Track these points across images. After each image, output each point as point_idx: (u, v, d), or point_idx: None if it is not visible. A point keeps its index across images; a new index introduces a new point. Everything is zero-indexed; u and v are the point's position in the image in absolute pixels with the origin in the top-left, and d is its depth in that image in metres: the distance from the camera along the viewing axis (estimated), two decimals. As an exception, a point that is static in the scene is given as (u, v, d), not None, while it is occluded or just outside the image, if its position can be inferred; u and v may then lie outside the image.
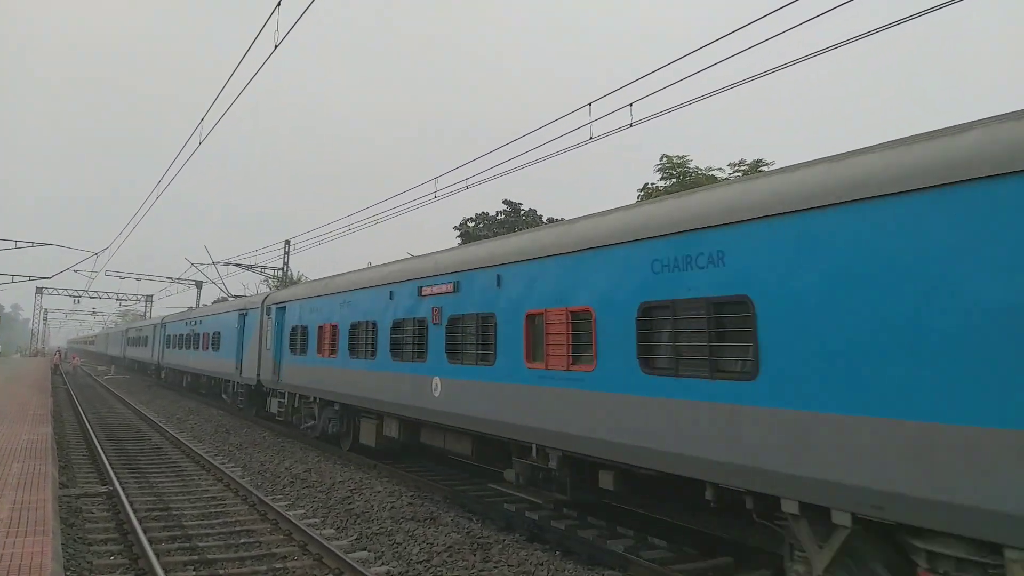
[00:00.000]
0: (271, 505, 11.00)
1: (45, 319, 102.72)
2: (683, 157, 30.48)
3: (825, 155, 6.45)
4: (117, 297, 74.42)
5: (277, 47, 11.47)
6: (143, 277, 62.35)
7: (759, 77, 10.58)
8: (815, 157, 6.58)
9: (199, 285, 59.03)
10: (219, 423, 23.06)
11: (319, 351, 16.65)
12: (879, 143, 5.96)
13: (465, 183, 18.42)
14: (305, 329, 17.66)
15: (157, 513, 10.91)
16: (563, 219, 13.63)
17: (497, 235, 24.26)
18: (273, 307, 20.30)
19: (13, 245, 41.89)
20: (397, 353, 12.92)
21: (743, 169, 28.34)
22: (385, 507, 11.34)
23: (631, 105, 12.35)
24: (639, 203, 9.16)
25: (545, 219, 42.71)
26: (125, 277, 59.60)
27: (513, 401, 9.37)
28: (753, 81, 10.72)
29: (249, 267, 45.11)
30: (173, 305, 76.33)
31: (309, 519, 10.70)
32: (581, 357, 8.41)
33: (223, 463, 15.36)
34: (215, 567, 8.36)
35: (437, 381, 11.33)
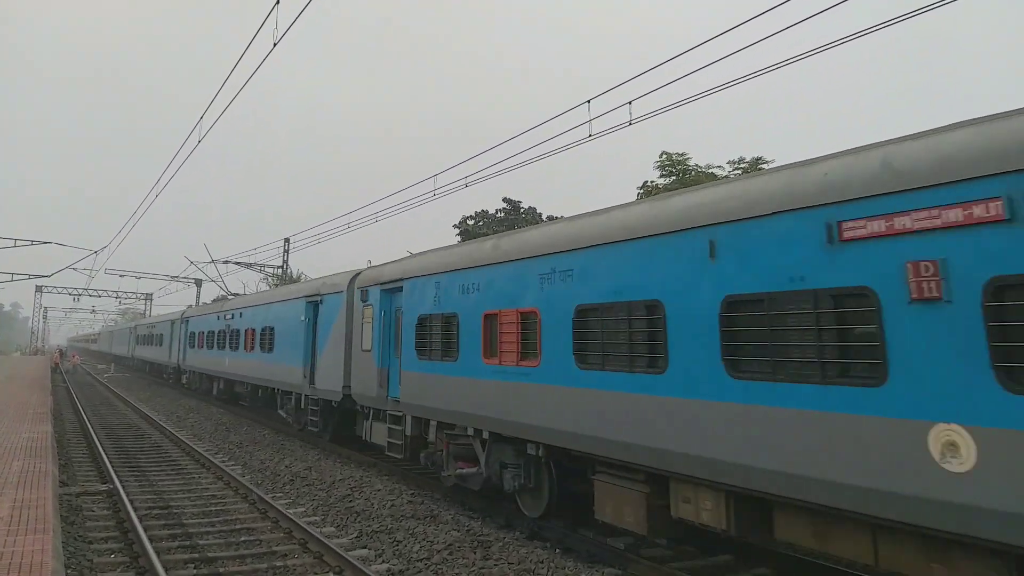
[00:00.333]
0: (271, 503, 11.01)
1: (45, 317, 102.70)
2: (683, 155, 30.47)
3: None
4: (117, 295, 74.44)
5: (276, 45, 11.47)
6: (142, 275, 62.45)
7: (759, 74, 10.57)
8: (812, 156, 6.58)
9: (198, 283, 59.02)
10: (219, 421, 23.07)
11: (487, 354, 10.35)
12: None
13: (464, 181, 18.42)
14: (449, 320, 11.38)
15: (157, 511, 10.92)
16: (559, 217, 13.91)
17: (496, 232, 24.15)
18: (373, 289, 14.21)
19: (12, 243, 41.88)
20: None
21: (743, 167, 28.33)
22: (385, 505, 11.35)
23: (630, 103, 12.35)
24: (549, 222, 11.79)
25: (545, 217, 42.70)
26: (125, 275, 59.71)
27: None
28: (754, 78, 10.71)
29: (248, 265, 45.10)
30: (173, 303, 76.34)
31: (309, 517, 10.71)
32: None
33: (223, 461, 15.37)
34: (215, 565, 8.37)
35: None
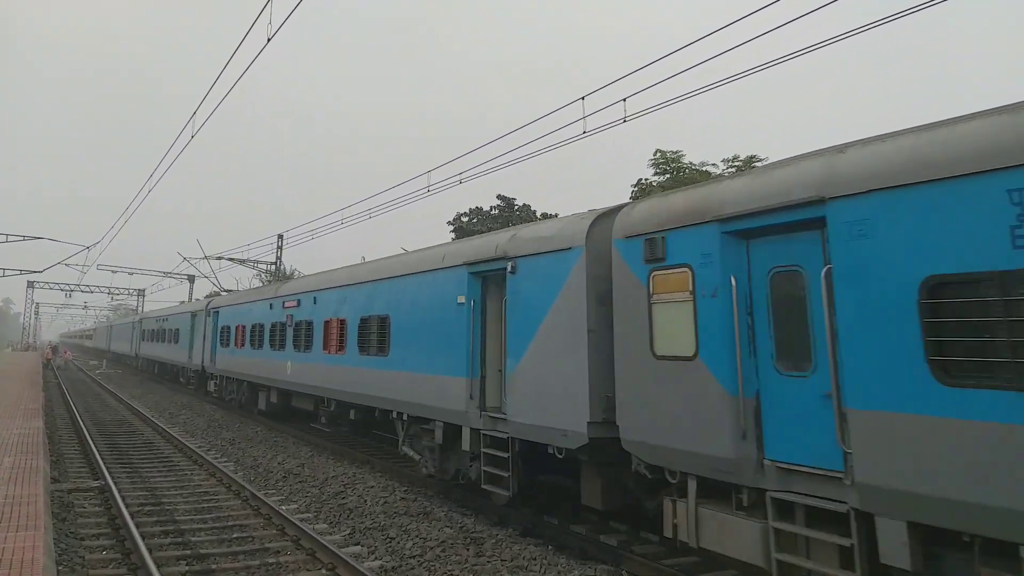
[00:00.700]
0: (264, 500, 10.99)
1: (37, 313, 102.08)
2: (676, 152, 30.50)
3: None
4: (109, 291, 74.06)
5: (270, 40, 11.41)
6: (135, 271, 62.21)
7: (754, 72, 10.59)
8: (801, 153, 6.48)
9: (191, 279, 58.80)
10: (211, 418, 23.00)
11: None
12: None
13: (458, 178, 18.39)
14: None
15: (149, 508, 10.89)
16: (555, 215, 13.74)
17: (491, 230, 24.15)
18: (683, 236, 7.43)
19: (4, 238, 41.64)
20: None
21: (737, 165, 28.38)
22: (378, 502, 11.34)
23: (624, 100, 12.35)
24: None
25: (539, 214, 42.69)
26: (117, 271, 59.44)
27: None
28: (750, 75, 10.73)
29: (242, 261, 44.95)
30: (166, 299, 76.05)
31: (302, 514, 10.70)
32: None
33: (216, 458, 15.33)
34: (208, 562, 8.36)
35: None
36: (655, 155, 30.62)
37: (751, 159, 28.36)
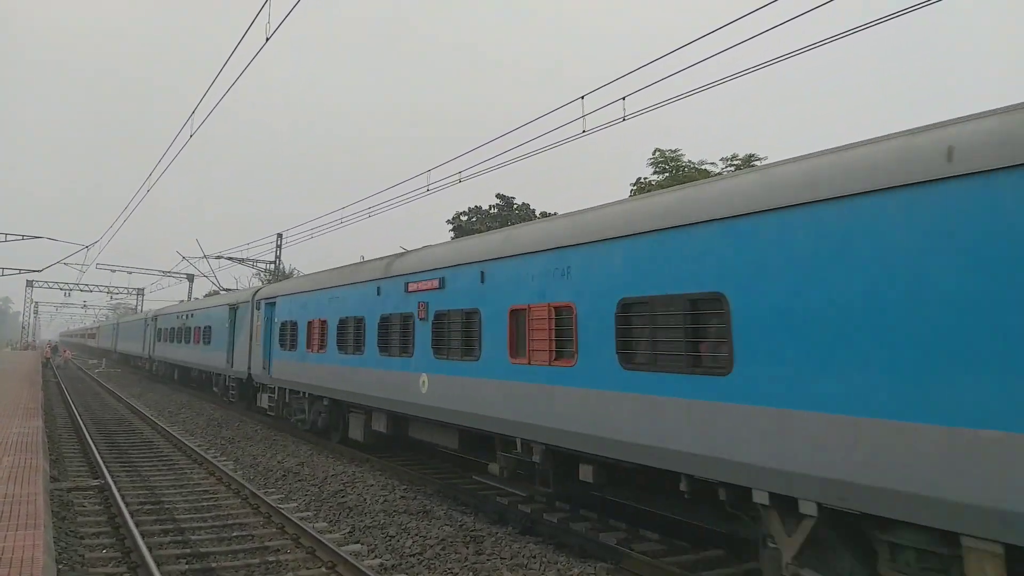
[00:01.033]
0: (264, 499, 11.00)
1: (36, 312, 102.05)
2: (675, 151, 30.53)
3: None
4: (108, 290, 74.07)
5: (268, 39, 11.41)
6: (134, 270, 62.23)
7: (753, 71, 10.59)
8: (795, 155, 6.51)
9: (191, 279, 58.77)
10: (211, 417, 23.01)
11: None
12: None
13: (458, 176, 18.38)
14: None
15: (149, 507, 10.89)
16: (553, 213, 13.69)
17: (490, 229, 24.03)
18: None
19: (3, 238, 41.61)
20: None
21: (736, 163, 28.40)
22: (378, 500, 11.36)
23: (624, 99, 12.35)
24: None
25: (538, 213, 42.70)
26: (116, 270, 59.46)
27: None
28: (750, 74, 10.73)
29: (241, 260, 44.94)
30: (165, 299, 76.03)
31: (302, 512, 10.71)
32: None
33: (215, 457, 15.33)
34: (208, 560, 8.36)
35: None
36: (654, 154, 30.67)
37: (750, 158, 28.39)
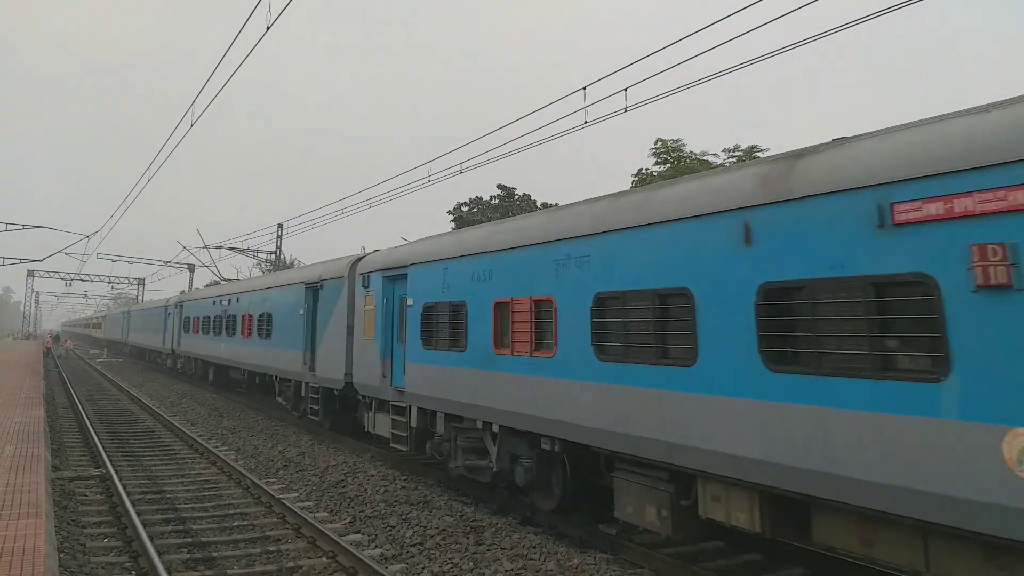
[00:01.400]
0: (265, 488, 11.04)
1: (37, 302, 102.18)
2: (677, 141, 30.42)
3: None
4: (109, 280, 74.10)
5: (269, 28, 11.35)
6: (134, 260, 62.21)
7: (755, 62, 10.53)
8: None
9: (191, 268, 58.75)
10: (212, 407, 23.06)
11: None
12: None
13: (459, 167, 18.34)
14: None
15: (151, 496, 10.94)
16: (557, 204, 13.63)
17: (492, 219, 24.14)
18: None
19: (4, 227, 41.62)
20: None
21: (737, 155, 28.30)
22: (379, 490, 11.39)
23: (626, 90, 12.29)
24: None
25: (540, 204, 42.62)
26: (117, 260, 59.46)
27: None
28: (750, 65, 10.67)
29: (242, 251, 44.91)
30: (166, 289, 76.07)
31: (303, 502, 10.75)
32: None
33: (217, 447, 15.38)
34: (209, 550, 8.40)
35: None
36: (656, 144, 30.55)
37: (752, 149, 28.28)
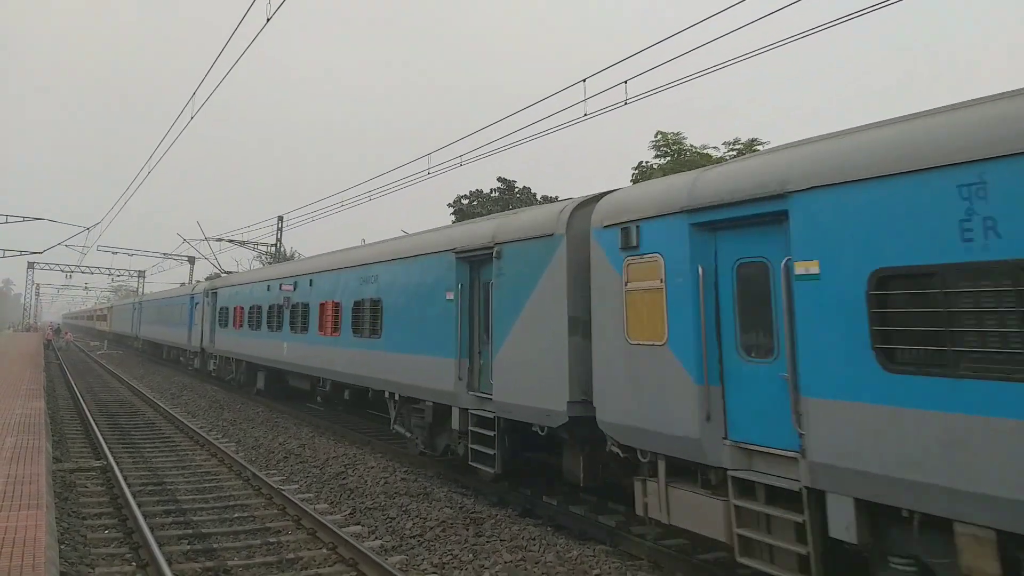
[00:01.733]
0: (265, 480, 11.07)
1: (37, 294, 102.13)
2: (677, 134, 30.35)
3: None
4: (109, 272, 74.10)
5: (269, 20, 11.31)
6: (135, 252, 62.09)
7: (755, 54, 10.49)
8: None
9: (192, 261, 58.76)
10: (213, 399, 23.11)
11: None
12: None
13: (459, 160, 18.31)
14: None
15: (151, 488, 10.97)
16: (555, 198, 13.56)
17: (491, 212, 24.24)
18: None
19: (4, 219, 41.60)
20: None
21: (737, 148, 28.24)
22: (379, 482, 11.42)
23: (626, 82, 12.25)
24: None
25: (540, 197, 42.55)
26: (117, 252, 59.33)
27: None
28: (754, 57, 10.62)
29: (242, 243, 44.91)
30: (166, 281, 76.09)
31: (303, 494, 10.78)
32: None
33: (217, 438, 15.42)
34: (210, 541, 8.43)
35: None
36: (656, 137, 30.48)
37: (752, 142, 28.22)
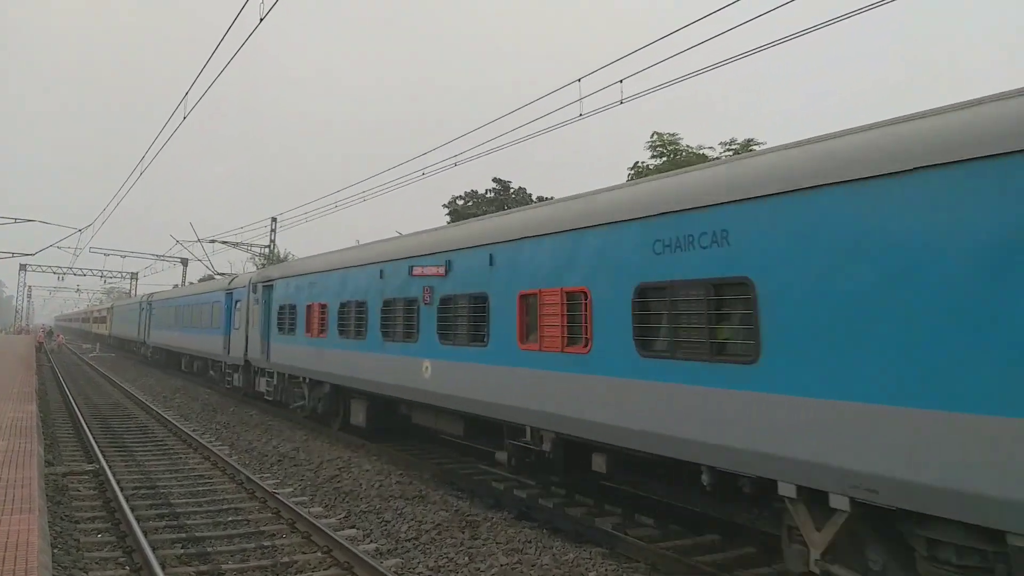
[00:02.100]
0: (259, 483, 10.99)
1: (29, 296, 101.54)
2: (673, 135, 30.37)
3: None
4: (102, 274, 73.74)
5: (262, 20, 11.25)
6: (127, 254, 61.86)
7: (752, 53, 10.49)
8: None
9: (184, 263, 58.51)
10: (206, 402, 22.98)
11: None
12: None
13: (453, 160, 18.28)
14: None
15: (144, 491, 10.87)
16: (548, 198, 13.52)
17: (486, 213, 23.90)
18: None
19: (-5, 221, 41.32)
20: None
21: (734, 148, 28.28)
22: (374, 485, 11.36)
23: (621, 82, 12.25)
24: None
25: (535, 197, 42.56)
26: (109, 254, 59.07)
27: None
28: (747, 57, 10.63)
29: (235, 244, 44.75)
30: (159, 283, 75.72)
31: (297, 497, 10.71)
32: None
33: (211, 442, 15.31)
34: (203, 545, 8.35)
35: None
36: (652, 137, 30.49)
37: (748, 142, 28.27)
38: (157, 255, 60.95)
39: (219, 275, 31.18)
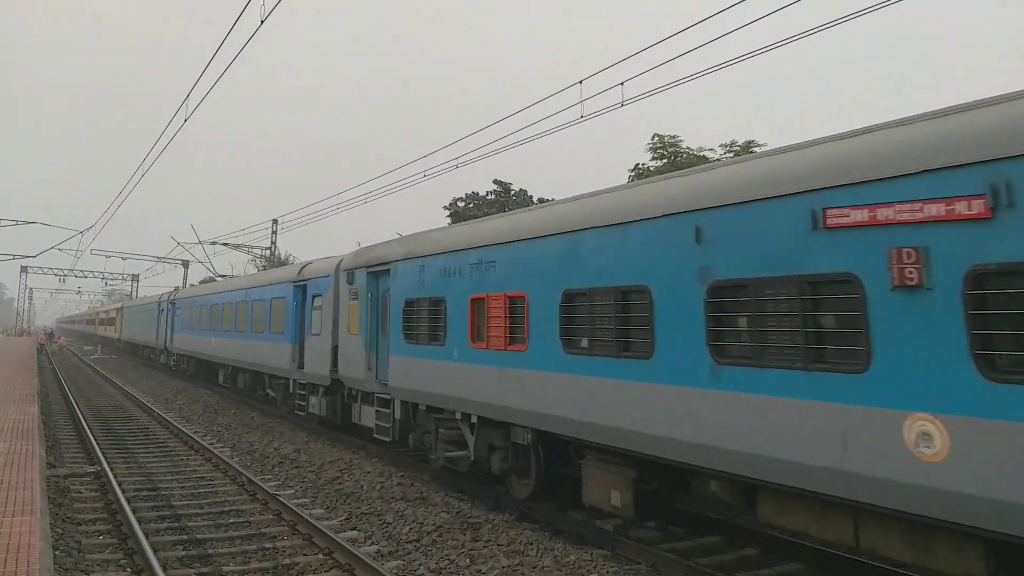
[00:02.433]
0: (260, 485, 11.00)
1: (30, 298, 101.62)
2: (674, 137, 30.39)
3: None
4: (103, 276, 73.82)
5: (263, 22, 11.27)
6: (128, 256, 61.97)
7: (753, 55, 10.50)
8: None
9: (186, 264, 58.54)
10: (207, 404, 23.00)
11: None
12: None
13: (455, 162, 18.30)
14: None
15: (146, 493, 10.89)
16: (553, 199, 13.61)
17: (487, 214, 23.88)
18: None
19: (-3, 223, 41.39)
20: None
21: (735, 150, 28.29)
22: (375, 487, 11.37)
23: (623, 84, 12.26)
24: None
25: (536, 199, 42.58)
26: (111, 256, 59.18)
27: None
28: (752, 58, 10.64)
29: (236, 246, 44.78)
30: (161, 285, 75.75)
31: (299, 499, 10.72)
32: None
33: (212, 443, 15.33)
34: (205, 547, 8.36)
35: None
36: (653, 139, 30.51)
37: (749, 144, 28.28)
38: (158, 257, 61.02)
39: (220, 277, 30.90)
